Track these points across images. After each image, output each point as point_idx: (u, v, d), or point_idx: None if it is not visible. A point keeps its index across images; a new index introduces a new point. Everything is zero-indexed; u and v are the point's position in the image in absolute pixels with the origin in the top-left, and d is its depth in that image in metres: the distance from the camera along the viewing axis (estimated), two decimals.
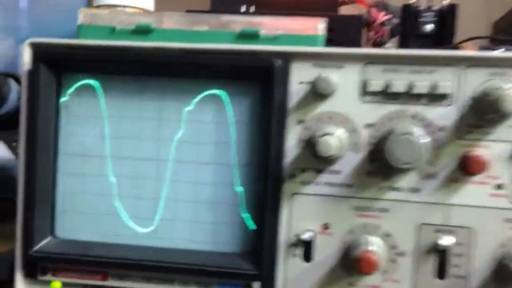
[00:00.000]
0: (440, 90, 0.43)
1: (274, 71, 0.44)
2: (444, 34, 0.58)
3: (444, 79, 0.43)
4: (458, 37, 0.59)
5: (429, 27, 0.59)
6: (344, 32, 0.55)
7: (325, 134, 0.42)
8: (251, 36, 0.48)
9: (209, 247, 0.47)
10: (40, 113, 0.46)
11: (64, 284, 0.48)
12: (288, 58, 0.45)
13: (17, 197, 0.48)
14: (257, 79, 0.45)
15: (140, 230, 0.48)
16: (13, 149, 0.69)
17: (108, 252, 0.47)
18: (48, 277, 0.48)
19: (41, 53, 0.45)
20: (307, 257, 0.45)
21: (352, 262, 0.43)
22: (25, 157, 0.47)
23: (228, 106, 0.46)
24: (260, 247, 0.45)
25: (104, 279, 0.47)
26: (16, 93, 0.61)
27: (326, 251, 0.45)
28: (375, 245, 0.43)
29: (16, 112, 0.61)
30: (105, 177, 0.48)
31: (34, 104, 0.46)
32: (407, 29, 0.59)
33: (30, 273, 0.48)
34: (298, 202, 0.45)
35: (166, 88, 0.47)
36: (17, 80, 0.62)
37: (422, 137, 0.41)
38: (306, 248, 0.45)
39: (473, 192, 0.43)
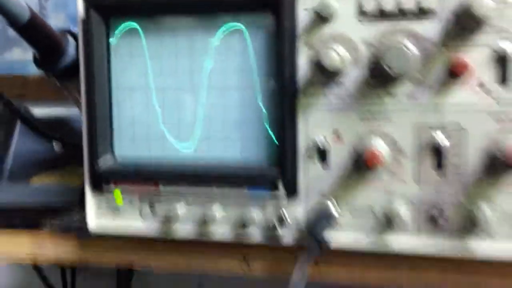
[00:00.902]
0: (425, 5, 0.48)
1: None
2: None
3: None
4: None
5: None
6: None
7: (328, 50, 0.49)
8: None
9: (240, 159, 0.56)
10: (94, 53, 0.56)
11: (124, 193, 0.58)
12: None
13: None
14: (269, 10, 0.52)
15: (183, 149, 0.57)
16: (77, 101, 0.80)
17: (158, 167, 0.57)
18: (111, 187, 0.58)
19: (90, 1, 0.55)
20: (323, 161, 0.53)
21: (361, 162, 0.51)
22: (85, 92, 0.57)
23: (248, 37, 0.54)
24: (283, 155, 0.54)
25: (156, 188, 0.57)
26: (73, 47, 0.71)
27: (339, 156, 0.53)
28: (379, 145, 0.50)
29: (74, 64, 0.71)
30: (151, 106, 0.57)
31: (89, 46, 0.56)
32: None
33: (97, 185, 0.58)
34: (312, 114, 0.53)
35: (195, 25, 0.55)
36: (73, 36, 0.72)
37: (411, 47, 0.48)
38: (322, 153, 0.53)
39: (462, 92, 0.49)
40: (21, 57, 1.26)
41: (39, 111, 0.94)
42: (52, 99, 0.96)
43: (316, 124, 0.53)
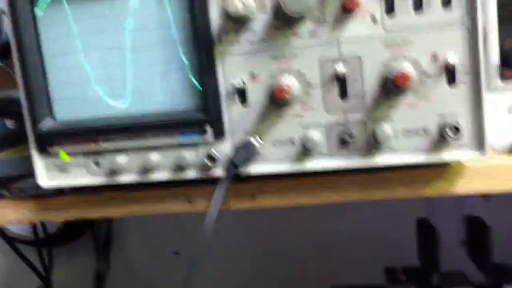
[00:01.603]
0: None
1: None
2: None
3: None
4: None
5: None
6: None
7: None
8: None
9: (170, 109, 0.61)
10: (22, 25, 0.60)
11: (69, 153, 0.63)
12: None
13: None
14: None
15: (117, 105, 0.62)
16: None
17: (96, 125, 0.62)
18: (55, 149, 0.63)
19: None
20: (243, 101, 0.59)
21: (274, 98, 0.57)
22: (19, 63, 0.61)
23: None
24: (207, 101, 0.59)
25: (97, 144, 0.63)
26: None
27: (256, 95, 0.59)
28: (289, 80, 0.56)
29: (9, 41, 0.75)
30: (82, 68, 0.62)
31: (16, 20, 0.60)
32: None
33: (42, 148, 0.63)
34: (228, 60, 0.58)
35: None
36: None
37: None
38: (241, 95, 0.59)
39: (356, 26, 0.55)
40: None
41: None
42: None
43: (233, 69, 0.59)
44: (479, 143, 0.54)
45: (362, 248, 1.14)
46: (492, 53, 0.70)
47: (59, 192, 0.70)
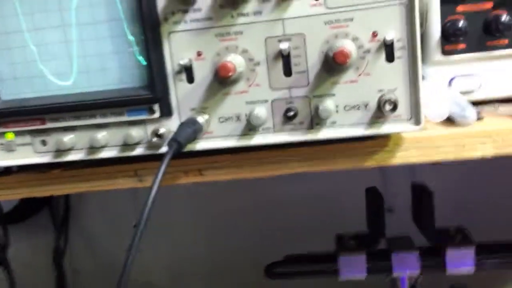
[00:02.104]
0: None
1: None
2: None
3: None
4: None
5: None
6: None
7: None
8: None
9: (118, 88, 0.61)
10: None
11: (15, 133, 0.63)
12: None
13: None
14: None
15: (63, 84, 0.62)
16: None
17: (42, 105, 0.61)
18: (1, 129, 0.63)
19: None
20: (190, 79, 0.60)
21: (220, 77, 0.58)
22: None
23: None
24: (154, 79, 0.59)
25: (43, 123, 0.62)
26: None
27: (203, 73, 0.59)
28: (233, 58, 0.57)
29: None
30: (27, 47, 0.61)
31: None
32: None
33: None
34: (174, 39, 0.59)
35: None
36: None
37: None
38: (188, 72, 0.60)
39: (299, 5, 0.56)
40: None
41: None
42: None
43: (179, 47, 0.59)
44: (416, 115, 0.57)
45: (315, 217, 1.17)
46: (434, 27, 0.72)
47: (6, 171, 0.69)
